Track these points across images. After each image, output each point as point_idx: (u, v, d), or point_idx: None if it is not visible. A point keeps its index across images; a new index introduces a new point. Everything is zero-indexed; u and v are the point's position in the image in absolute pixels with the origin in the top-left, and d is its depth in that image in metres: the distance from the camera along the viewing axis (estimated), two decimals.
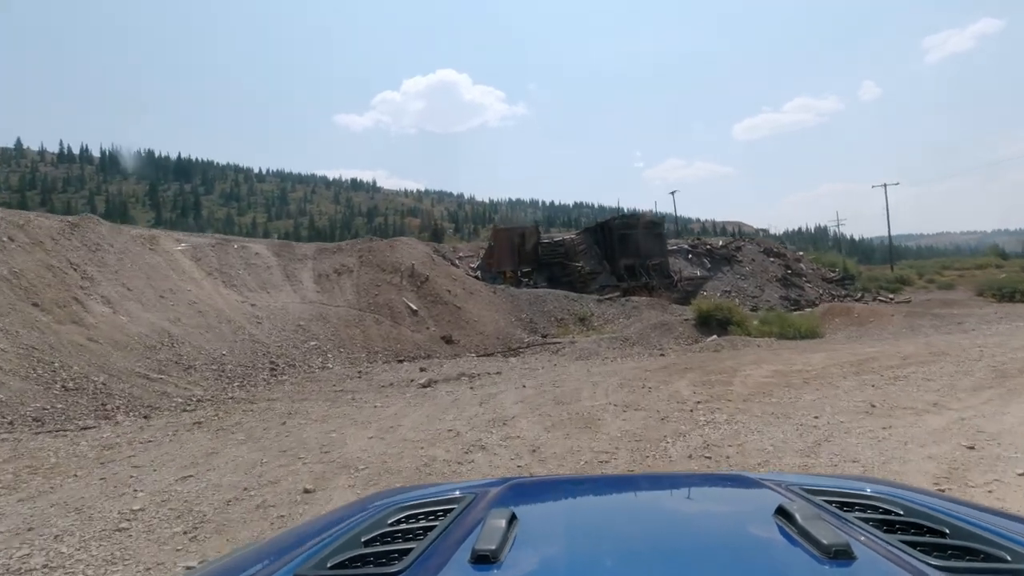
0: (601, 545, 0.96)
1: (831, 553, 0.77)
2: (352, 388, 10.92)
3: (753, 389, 8.14)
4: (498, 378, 10.82)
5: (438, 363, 14.57)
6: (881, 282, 35.45)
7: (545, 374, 11.22)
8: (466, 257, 30.06)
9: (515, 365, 13.32)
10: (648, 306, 21.47)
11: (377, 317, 17.96)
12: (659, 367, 11.20)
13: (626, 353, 15.15)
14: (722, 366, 10.84)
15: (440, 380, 10.80)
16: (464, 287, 20.62)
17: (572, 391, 8.75)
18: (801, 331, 15.57)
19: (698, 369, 10.50)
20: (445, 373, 11.89)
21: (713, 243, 32.25)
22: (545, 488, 1.53)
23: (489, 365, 13.43)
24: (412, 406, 8.44)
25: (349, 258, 20.55)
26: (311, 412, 8.51)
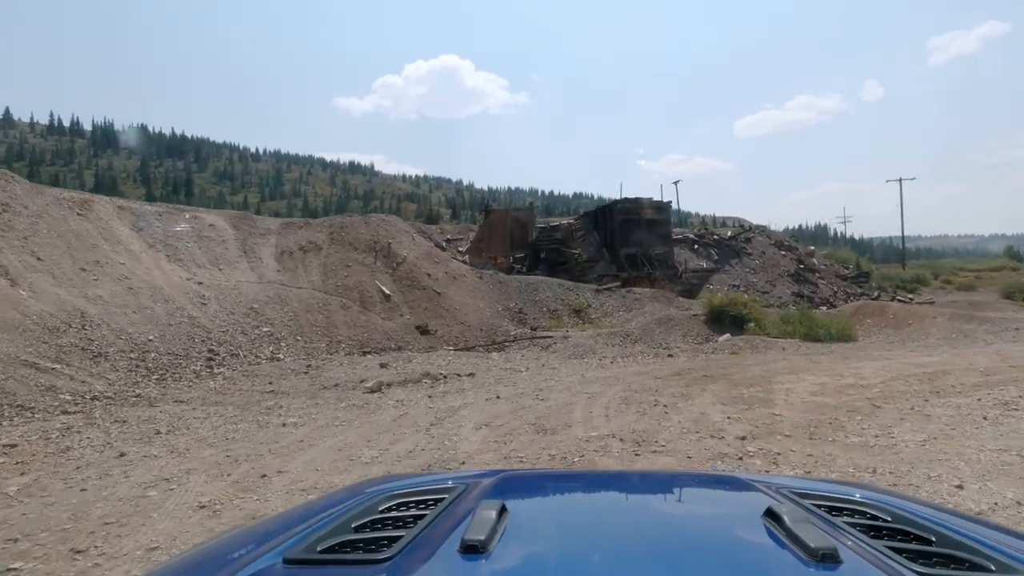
0: (590, 540, 0.95)
1: (818, 556, 0.77)
2: (286, 389, 8.73)
3: (807, 413, 5.99)
4: (469, 383, 8.66)
5: (406, 358, 12.38)
6: (896, 281, 33.43)
7: (529, 378, 9.06)
8: (455, 240, 27.81)
9: (495, 364, 11.14)
10: (651, 298, 19.28)
11: (344, 301, 15.75)
12: (671, 373, 9.05)
13: (627, 352, 12.99)
14: (749, 374, 8.69)
15: (396, 383, 8.63)
16: (447, 271, 18.40)
17: (560, 409, 6.59)
18: (831, 332, 13.45)
19: (721, 378, 8.35)
20: (407, 372, 9.71)
21: (721, 234, 30.05)
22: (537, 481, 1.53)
23: (464, 363, 11.25)
24: (335, 426, 6.22)
25: (318, 234, 18.29)
26: (196, 429, 6.32)
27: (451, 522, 0.97)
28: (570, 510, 1.21)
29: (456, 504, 1.10)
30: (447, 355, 12.78)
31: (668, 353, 12.81)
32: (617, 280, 22.53)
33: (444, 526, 0.96)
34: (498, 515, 0.91)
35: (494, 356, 12.73)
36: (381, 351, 14.14)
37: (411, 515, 1.05)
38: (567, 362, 11.62)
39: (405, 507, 1.12)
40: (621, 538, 0.95)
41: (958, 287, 33.05)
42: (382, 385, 8.27)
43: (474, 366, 10.58)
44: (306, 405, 7.26)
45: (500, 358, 12.41)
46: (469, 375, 9.33)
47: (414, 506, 1.12)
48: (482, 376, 9.26)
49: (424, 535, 0.92)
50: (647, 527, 1.06)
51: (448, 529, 0.93)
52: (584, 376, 9.04)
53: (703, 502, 1.29)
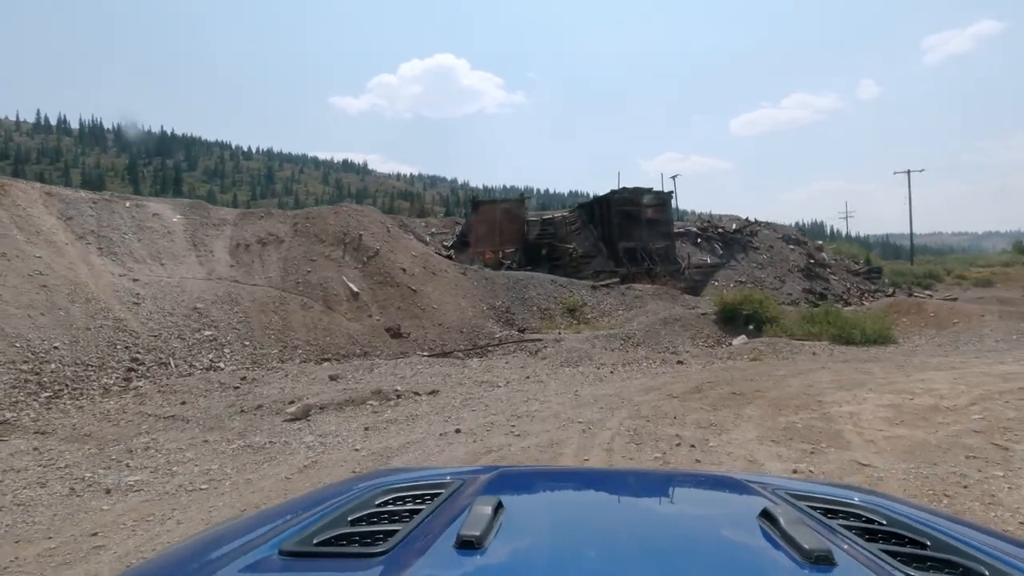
0: (585, 538, 0.95)
1: (812, 558, 0.77)
2: (191, 413, 6.76)
3: (907, 462, 4.13)
4: (427, 405, 6.73)
5: (367, 367, 10.42)
6: (908, 277, 31.67)
7: (507, 398, 7.13)
8: (439, 234, 25.85)
9: (470, 375, 9.20)
10: (654, 296, 17.36)
11: (305, 300, 13.78)
12: (688, 389, 7.14)
13: (629, 358, 11.06)
14: (789, 390, 6.80)
15: (332, 406, 6.69)
16: (425, 266, 16.44)
17: (542, 452, 4.66)
18: (867, 334, 11.57)
19: (755, 396, 6.46)
20: (356, 389, 7.77)
21: (726, 227, 28.16)
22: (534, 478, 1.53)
23: (433, 375, 9.30)
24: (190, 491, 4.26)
25: (280, 225, 16.29)
26: (9, 482, 4.34)
27: (447, 517, 0.96)
28: (566, 507, 1.20)
29: (452, 499, 1.08)
30: (417, 363, 10.82)
31: (677, 359, 10.88)
32: (615, 276, 20.61)
33: (440, 521, 0.95)
34: (494, 511, 0.91)
35: (472, 364, 10.79)
36: (343, 357, 12.19)
37: (407, 509, 1.04)
38: (558, 372, 9.68)
39: (401, 501, 1.11)
40: (616, 536, 0.95)
41: (974, 283, 31.28)
42: (310, 410, 6.32)
43: (443, 379, 8.64)
44: (187, 445, 5.31)
45: (479, 366, 10.47)
46: (431, 393, 7.38)
47: (410, 500, 1.11)
48: (447, 394, 7.33)
49: (420, 529, 0.91)
50: (642, 525, 1.06)
51: (444, 524, 0.92)
52: (578, 395, 7.10)
53: (699, 502, 1.27)
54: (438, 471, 1.42)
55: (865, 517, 1.06)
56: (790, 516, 0.90)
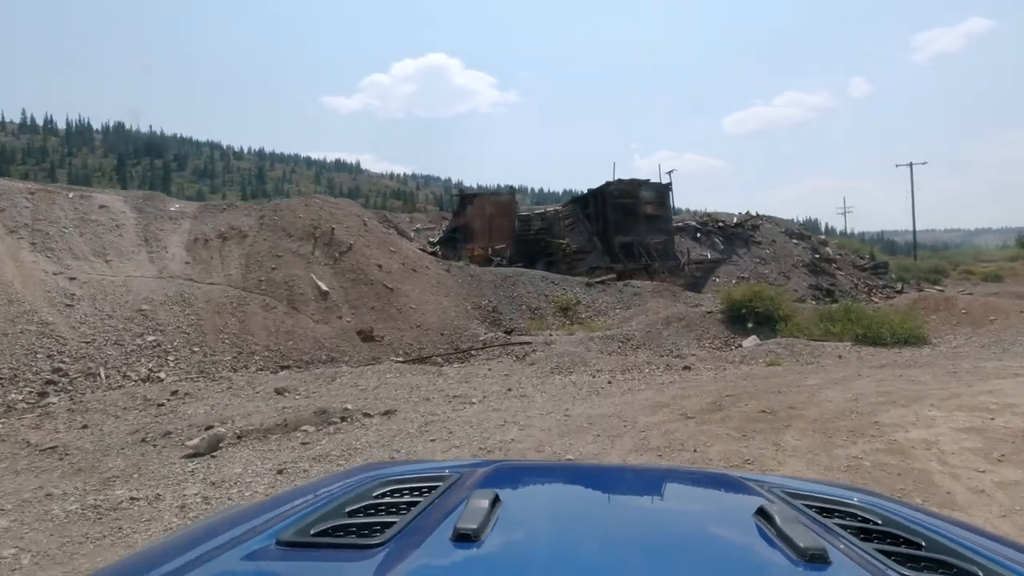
0: (581, 533, 0.95)
1: (807, 556, 0.77)
2: (79, 445, 5.37)
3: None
4: (376, 432, 5.34)
5: (328, 376, 9.05)
6: (915, 272, 30.52)
7: (478, 421, 5.76)
8: (425, 230, 24.47)
9: (442, 387, 7.83)
10: (653, 293, 16.03)
11: (268, 300, 12.39)
12: (705, 406, 5.81)
13: (629, 362, 9.72)
14: (829, 405, 5.49)
15: (254, 433, 5.33)
16: (404, 262, 15.06)
17: None
18: (897, 333, 10.26)
19: (791, 415, 5.14)
20: (298, 408, 6.40)
21: (726, 221, 26.87)
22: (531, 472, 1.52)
23: (400, 386, 7.93)
24: None
25: (245, 218, 14.88)
26: None
27: (444, 510, 0.96)
28: (563, 502, 1.19)
29: (450, 492, 1.08)
30: (388, 371, 9.45)
31: (683, 364, 9.54)
32: (611, 273, 19.29)
33: (437, 513, 0.95)
34: (491, 504, 0.91)
35: (450, 371, 9.43)
36: (306, 364, 10.81)
37: (405, 502, 1.04)
38: (547, 381, 8.33)
39: (399, 493, 1.10)
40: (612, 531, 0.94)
41: (983, 278, 30.16)
42: (220, 441, 4.94)
43: (409, 392, 7.28)
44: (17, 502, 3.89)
45: (456, 374, 9.11)
46: (386, 414, 6.01)
47: (408, 493, 1.11)
48: (406, 415, 5.96)
49: (417, 522, 0.91)
50: (639, 522, 1.06)
51: (441, 517, 0.92)
52: (568, 415, 5.75)
53: (696, 499, 1.27)
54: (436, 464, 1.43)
55: (861, 516, 1.06)
56: (786, 514, 0.90)
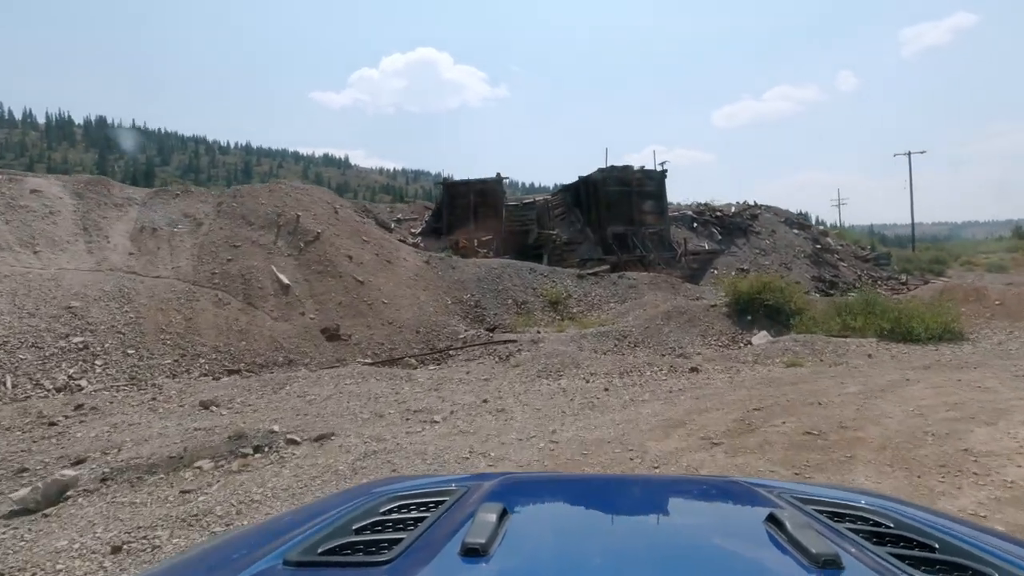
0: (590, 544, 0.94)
1: (820, 562, 0.76)
2: None
3: None
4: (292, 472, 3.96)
5: (278, 383, 7.73)
6: (917, 263, 29.58)
7: (439, 447, 4.47)
8: (407, 220, 23.07)
9: (406, 397, 6.53)
10: (650, 285, 14.79)
11: (220, 295, 11.02)
12: (731, 425, 4.56)
13: (627, 364, 8.46)
14: (890, 423, 4.28)
15: (127, 472, 4.02)
16: (379, 253, 13.72)
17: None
18: (930, 328, 9.06)
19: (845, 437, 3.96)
20: (209, 431, 5.10)
21: (724, 210, 25.68)
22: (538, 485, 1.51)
23: (356, 396, 6.62)
24: None
25: (201, 205, 13.46)
26: None
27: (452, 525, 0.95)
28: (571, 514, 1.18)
29: (457, 507, 1.07)
30: (349, 375, 8.13)
31: (690, 365, 8.29)
32: (605, 264, 18.03)
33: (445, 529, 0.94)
34: (499, 518, 0.90)
35: (420, 376, 8.13)
36: (259, 367, 9.47)
37: (412, 517, 1.03)
38: (532, 388, 7.06)
39: (406, 509, 1.09)
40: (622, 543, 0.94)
41: (988, 269, 29.22)
42: (66, 491, 3.58)
43: (362, 406, 5.98)
44: None
45: (428, 380, 7.81)
46: (319, 440, 4.70)
47: (415, 508, 1.10)
48: (344, 441, 4.65)
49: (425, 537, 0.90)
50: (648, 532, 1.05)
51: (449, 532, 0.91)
52: (555, 440, 4.47)
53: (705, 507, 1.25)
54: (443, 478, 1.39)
55: (872, 520, 1.04)
56: (797, 520, 0.89)
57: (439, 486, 1.25)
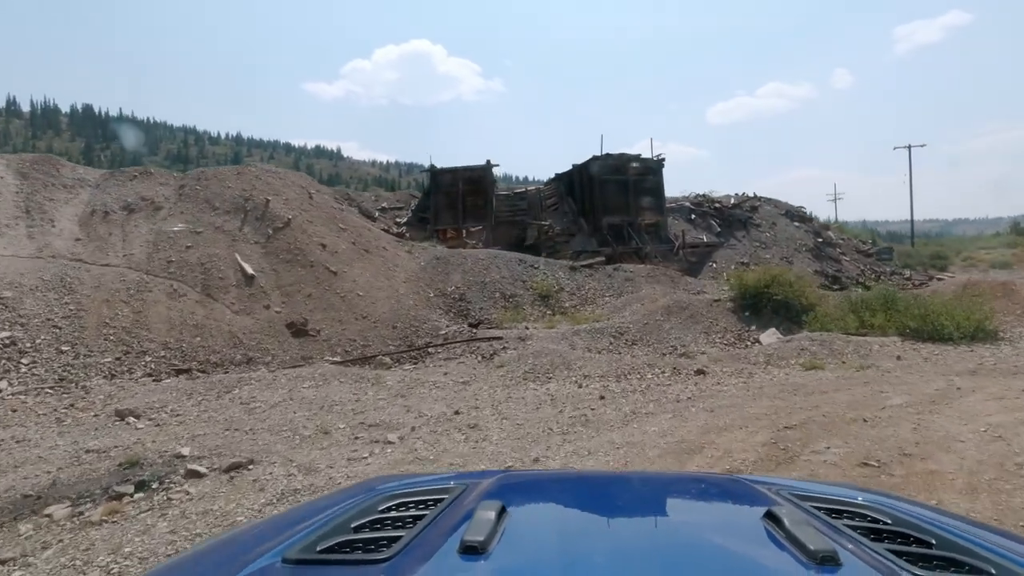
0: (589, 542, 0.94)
1: (817, 559, 0.76)
2: None
3: None
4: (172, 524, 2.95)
5: (225, 386, 6.74)
6: (919, 258, 28.91)
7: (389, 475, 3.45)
8: (392, 209, 21.99)
9: (365, 407, 5.56)
10: (648, 278, 13.84)
11: (176, 286, 9.97)
12: (761, 451, 3.66)
13: (625, 365, 7.50)
14: (966, 449, 3.45)
15: None
16: (356, 241, 12.69)
17: None
18: (961, 327, 8.15)
19: (920, 473, 3.05)
20: (100, 457, 4.10)
21: (723, 202, 24.73)
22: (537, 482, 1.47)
23: (309, 403, 5.64)
24: None
25: (161, 188, 12.37)
26: None
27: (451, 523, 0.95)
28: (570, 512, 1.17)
29: (456, 505, 1.06)
30: (309, 378, 7.14)
31: (695, 367, 7.34)
32: (600, 256, 17.07)
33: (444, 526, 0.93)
34: (498, 516, 0.89)
35: (389, 379, 7.13)
36: (213, 366, 8.46)
37: (411, 515, 1.02)
38: (515, 395, 6.09)
39: (405, 507, 1.08)
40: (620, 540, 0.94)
41: (991, 265, 28.57)
42: None
43: (309, 417, 5.00)
44: None
45: (396, 383, 6.83)
46: (230, 471, 3.69)
47: (414, 506, 1.09)
48: (260, 475, 3.65)
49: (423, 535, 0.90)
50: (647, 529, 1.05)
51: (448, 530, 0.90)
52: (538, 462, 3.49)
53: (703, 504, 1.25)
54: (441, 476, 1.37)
55: (870, 517, 1.04)
56: (795, 517, 0.90)
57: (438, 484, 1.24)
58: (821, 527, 0.90)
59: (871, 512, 1.05)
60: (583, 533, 0.98)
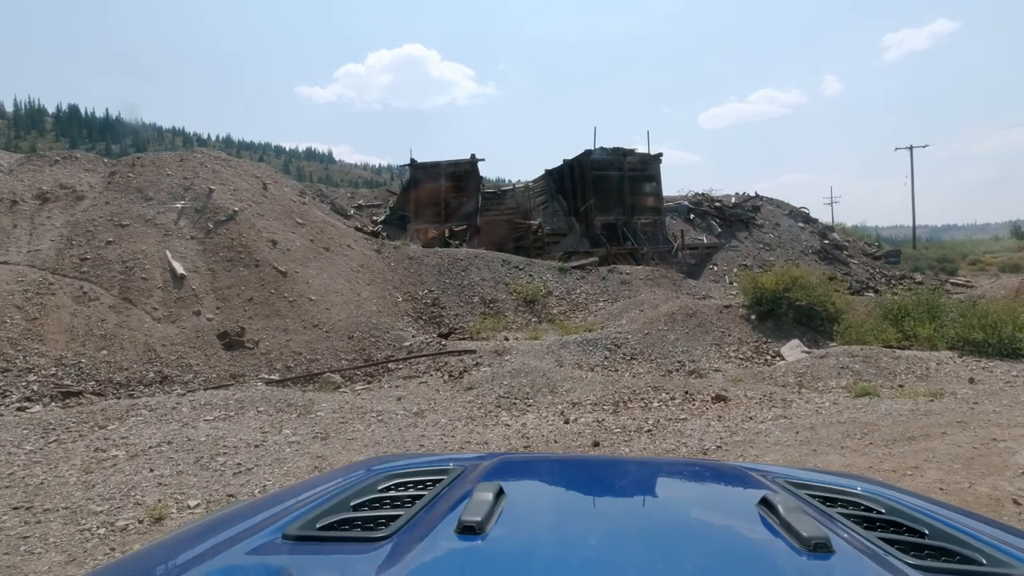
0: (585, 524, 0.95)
1: (811, 546, 0.76)
2: None
3: None
4: None
5: (102, 417, 5.17)
6: (924, 262, 27.65)
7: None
8: (369, 207, 20.40)
9: (270, 451, 4.01)
10: (647, 281, 12.33)
11: (88, 288, 8.35)
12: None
13: (624, 388, 5.95)
14: None
15: None
16: (315, 238, 11.10)
17: None
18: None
19: None
20: None
21: (724, 200, 23.30)
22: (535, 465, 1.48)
23: (190, 446, 4.10)
24: None
25: (86, 175, 10.75)
26: None
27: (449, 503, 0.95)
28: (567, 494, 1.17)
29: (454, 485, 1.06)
30: (220, 405, 5.57)
31: (712, 390, 5.81)
32: (592, 256, 15.55)
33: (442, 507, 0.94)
34: (495, 497, 0.90)
35: (323, 407, 5.57)
36: (116, 388, 6.87)
37: (409, 495, 1.03)
38: (479, 433, 4.58)
39: (403, 487, 1.09)
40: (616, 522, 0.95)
41: (1001, 268, 27.34)
42: None
43: (161, 481, 3.36)
44: None
45: (327, 416, 5.27)
46: None
47: (412, 486, 1.10)
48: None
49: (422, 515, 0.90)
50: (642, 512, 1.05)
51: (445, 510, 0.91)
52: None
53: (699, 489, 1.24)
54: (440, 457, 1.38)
55: (864, 506, 1.05)
56: (789, 504, 0.90)
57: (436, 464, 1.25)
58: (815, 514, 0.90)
59: (865, 501, 1.06)
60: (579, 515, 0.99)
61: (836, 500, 1.07)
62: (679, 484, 1.25)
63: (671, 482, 1.26)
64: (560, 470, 1.35)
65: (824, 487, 1.14)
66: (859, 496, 1.09)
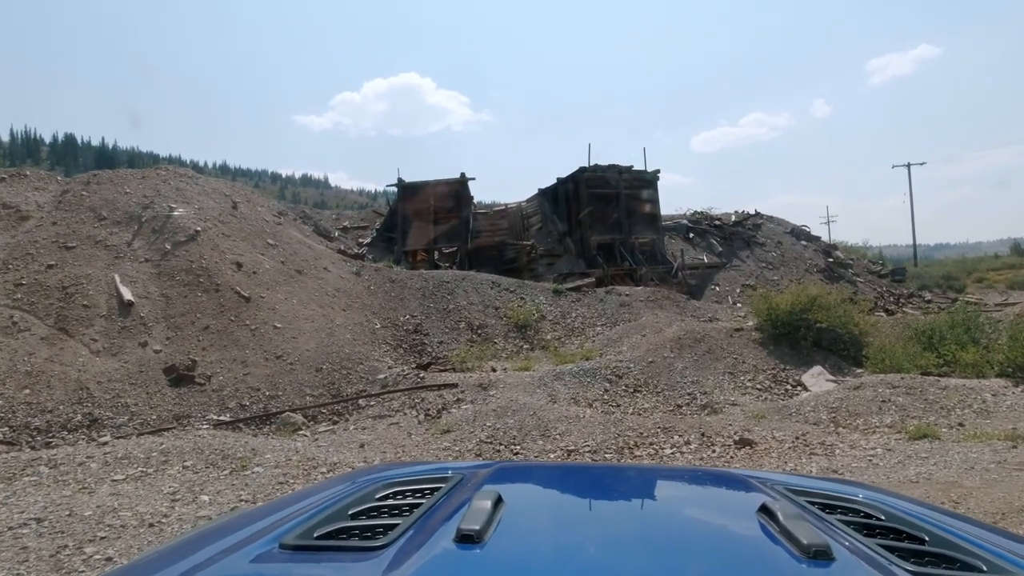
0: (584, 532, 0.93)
1: (810, 553, 0.75)
2: None
3: None
4: None
5: None
6: (930, 279, 26.88)
7: None
8: (355, 228, 19.55)
9: (169, 529, 2.95)
10: (649, 303, 11.41)
11: (19, 316, 7.40)
12: None
13: (627, 429, 4.98)
14: None
15: None
16: (287, 260, 10.18)
17: None
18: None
19: None
20: None
21: (724, 219, 22.54)
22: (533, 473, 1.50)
23: (63, 527, 3.07)
24: None
25: (34, 194, 9.86)
26: None
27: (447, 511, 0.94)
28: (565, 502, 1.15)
29: (452, 494, 1.06)
30: (143, 457, 4.61)
31: (733, 433, 4.85)
32: (589, 277, 14.64)
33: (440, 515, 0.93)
34: (494, 505, 0.88)
35: (265, 460, 4.59)
36: (32, 434, 5.90)
37: (407, 503, 1.01)
38: None
39: (402, 495, 1.08)
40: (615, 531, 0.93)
41: (1008, 285, 26.61)
42: None
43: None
44: None
45: (271, 470, 4.31)
46: None
47: (411, 495, 1.08)
48: None
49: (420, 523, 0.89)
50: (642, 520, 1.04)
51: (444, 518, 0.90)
52: None
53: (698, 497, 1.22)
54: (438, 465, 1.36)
55: (864, 513, 1.03)
56: (788, 511, 0.88)
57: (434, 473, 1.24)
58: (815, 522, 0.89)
59: (865, 508, 1.05)
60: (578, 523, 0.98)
61: (836, 507, 1.05)
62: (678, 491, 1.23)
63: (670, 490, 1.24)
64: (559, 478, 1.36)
65: (824, 494, 1.13)
66: (859, 503, 1.08)
